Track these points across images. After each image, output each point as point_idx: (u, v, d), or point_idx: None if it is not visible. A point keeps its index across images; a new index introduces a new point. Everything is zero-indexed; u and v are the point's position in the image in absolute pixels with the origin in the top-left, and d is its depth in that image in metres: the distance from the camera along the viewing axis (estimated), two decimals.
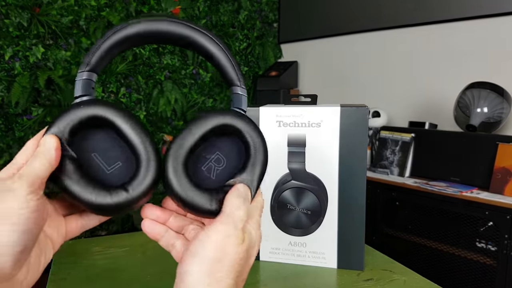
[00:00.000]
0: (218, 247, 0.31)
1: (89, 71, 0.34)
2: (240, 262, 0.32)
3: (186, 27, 0.35)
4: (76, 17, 2.17)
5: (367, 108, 0.62)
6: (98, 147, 0.33)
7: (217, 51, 0.36)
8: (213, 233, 0.31)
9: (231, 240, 0.31)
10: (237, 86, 0.37)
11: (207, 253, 0.30)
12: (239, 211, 0.32)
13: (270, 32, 2.90)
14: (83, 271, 0.64)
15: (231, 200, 0.33)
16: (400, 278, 0.62)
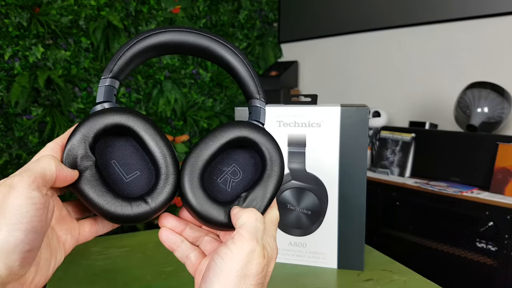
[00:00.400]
0: (243, 264, 0.30)
1: (111, 78, 0.34)
2: (262, 278, 0.31)
3: (208, 39, 0.35)
4: (75, 17, 2.17)
5: (367, 108, 0.62)
6: (118, 154, 0.34)
7: (238, 64, 0.36)
8: (236, 249, 0.30)
9: (255, 256, 0.30)
10: (256, 99, 0.37)
11: (231, 270, 0.30)
12: (259, 223, 0.32)
13: (270, 32, 2.90)
14: (82, 272, 0.64)
15: (248, 214, 0.32)
16: (400, 278, 0.62)
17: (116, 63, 0.34)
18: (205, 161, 0.34)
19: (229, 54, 0.36)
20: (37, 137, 2.13)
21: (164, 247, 0.37)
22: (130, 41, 0.34)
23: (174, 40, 0.35)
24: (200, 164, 0.34)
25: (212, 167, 0.36)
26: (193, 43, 0.35)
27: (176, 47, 0.35)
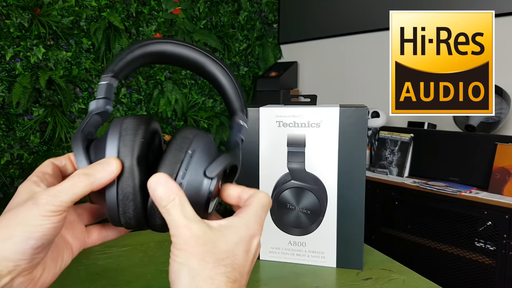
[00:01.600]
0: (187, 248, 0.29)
1: (112, 77, 0.36)
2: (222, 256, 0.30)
3: (201, 54, 0.37)
4: (76, 18, 2.18)
5: (366, 109, 0.62)
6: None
7: (226, 81, 0.38)
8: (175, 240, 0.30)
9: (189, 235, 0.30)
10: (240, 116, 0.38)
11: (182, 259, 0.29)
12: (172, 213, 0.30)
13: (270, 33, 2.90)
14: (84, 271, 0.65)
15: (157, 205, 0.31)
16: (399, 277, 0.63)
17: (117, 64, 0.36)
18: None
19: (219, 71, 0.38)
20: (38, 137, 2.14)
21: (165, 247, 0.37)
22: (132, 45, 0.36)
23: (169, 51, 0.37)
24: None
25: None
26: (186, 56, 0.37)
27: (170, 58, 0.37)
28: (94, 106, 0.35)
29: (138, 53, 0.36)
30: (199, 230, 0.29)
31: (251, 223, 0.31)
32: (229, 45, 2.71)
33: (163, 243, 0.75)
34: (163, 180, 0.30)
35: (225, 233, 0.30)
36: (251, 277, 0.63)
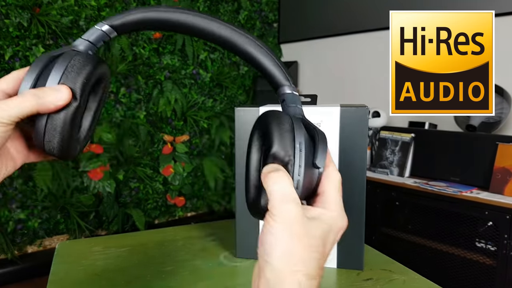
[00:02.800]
0: (291, 226, 0.30)
1: (110, 26, 0.34)
2: (317, 242, 0.31)
3: (231, 31, 0.36)
4: (76, 17, 2.17)
5: (367, 108, 0.62)
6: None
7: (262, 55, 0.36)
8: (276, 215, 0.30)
9: (294, 214, 0.31)
10: (286, 86, 0.37)
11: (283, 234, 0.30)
12: (275, 185, 0.30)
13: (270, 32, 2.90)
14: (83, 271, 0.65)
15: (264, 182, 0.31)
16: (400, 277, 0.62)
17: (120, 19, 0.34)
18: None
19: (252, 46, 0.36)
20: None
21: (164, 247, 0.37)
22: (157, 7, 0.35)
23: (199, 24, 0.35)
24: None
25: None
26: (217, 33, 0.36)
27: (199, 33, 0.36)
28: (77, 44, 0.34)
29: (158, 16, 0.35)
30: (301, 211, 0.30)
31: (339, 216, 0.33)
32: None
33: (162, 244, 0.75)
34: (277, 165, 0.31)
35: (319, 222, 0.31)
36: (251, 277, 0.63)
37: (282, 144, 0.31)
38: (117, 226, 2.31)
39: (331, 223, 0.32)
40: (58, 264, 0.67)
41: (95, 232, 2.28)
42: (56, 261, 0.68)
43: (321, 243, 0.31)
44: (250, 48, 0.36)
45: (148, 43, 2.40)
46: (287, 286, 0.29)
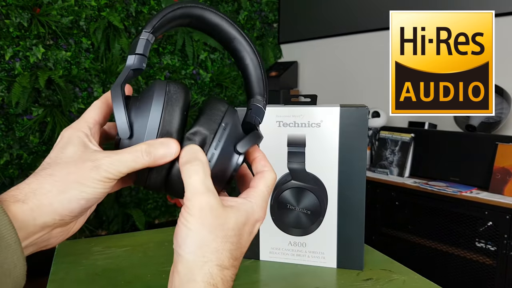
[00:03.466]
0: (202, 217, 0.30)
1: (152, 33, 0.35)
2: (230, 233, 0.31)
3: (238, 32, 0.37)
4: (76, 17, 2.17)
5: (366, 108, 0.62)
6: None
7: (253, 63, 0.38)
8: (190, 207, 0.31)
9: (207, 206, 0.31)
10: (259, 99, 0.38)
11: (196, 225, 0.30)
12: (190, 178, 0.31)
13: (270, 33, 2.90)
14: (83, 271, 0.65)
15: (182, 172, 0.31)
16: (400, 277, 0.63)
17: (158, 21, 0.35)
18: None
19: (249, 52, 0.38)
20: (38, 137, 2.14)
21: (164, 247, 0.37)
22: (175, 5, 0.36)
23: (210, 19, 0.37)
24: None
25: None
26: (224, 29, 0.37)
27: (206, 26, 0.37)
28: (132, 62, 0.34)
29: (179, 13, 0.36)
30: (215, 202, 0.30)
31: (258, 207, 0.33)
32: None
33: (162, 244, 0.75)
34: (196, 148, 0.31)
35: (235, 212, 0.31)
36: (251, 278, 0.63)
37: (206, 120, 0.33)
38: (117, 226, 2.31)
39: (248, 212, 0.32)
40: (58, 264, 0.67)
41: (95, 232, 2.28)
42: (56, 261, 0.68)
43: (235, 233, 0.31)
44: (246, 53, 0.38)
45: None
46: (198, 277, 0.29)
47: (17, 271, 0.28)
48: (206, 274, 0.29)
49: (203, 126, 0.33)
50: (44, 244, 0.31)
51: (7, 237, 0.27)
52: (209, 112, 0.33)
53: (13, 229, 0.27)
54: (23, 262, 0.28)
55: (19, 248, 0.27)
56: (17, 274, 0.28)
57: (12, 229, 0.27)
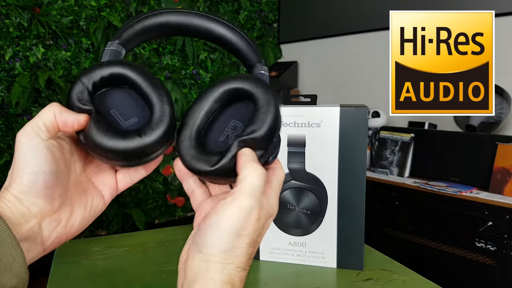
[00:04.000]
0: (239, 223, 0.30)
1: (118, 44, 0.35)
2: (256, 236, 0.32)
3: (207, 19, 0.38)
4: (76, 17, 2.17)
5: (366, 108, 0.62)
6: (117, 104, 0.34)
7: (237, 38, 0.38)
8: (233, 207, 0.30)
9: (252, 215, 0.31)
10: (259, 65, 0.37)
11: (226, 228, 0.30)
12: (256, 178, 0.31)
13: (270, 32, 2.90)
14: (83, 271, 0.65)
15: (246, 167, 0.31)
16: (400, 277, 0.63)
17: (124, 32, 0.35)
18: (200, 118, 0.34)
19: (228, 30, 0.38)
20: None
21: (164, 247, 0.37)
22: (138, 15, 0.36)
23: (173, 21, 0.37)
24: (196, 121, 0.34)
25: (211, 126, 0.35)
26: (191, 24, 0.37)
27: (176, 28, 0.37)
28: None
29: (145, 24, 0.36)
30: (258, 211, 0.32)
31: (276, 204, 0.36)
32: None
33: (163, 244, 0.75)
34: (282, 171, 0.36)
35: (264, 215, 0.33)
36: (251, 278, 0.63)
37: (266, 135, 0.33)
38: (117, 226, 2.31)
39: (269, 211, 0.34)
40: (58, 264, 0.67)
41: (95, 232, 2.28)
42: (56, 261, 0.68)
43: (258, 237, 0.32)
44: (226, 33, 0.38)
45: (148, 43, 2.40)
46: (217, 276, 0.30)
47: (17, 265, 0.28)
48: (225, 275, 0.30)
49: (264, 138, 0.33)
50: (39, 238, 0.31)
51: (0, 232, 0.27)
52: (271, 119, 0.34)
53: (5, 224, 0.28)
54: (21, 254, 0.28)
55: (15, 241, 0.28)
56: (18, 268, 0.28)
57: (4, 224, 0.28)
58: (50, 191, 0.31)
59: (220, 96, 0.35)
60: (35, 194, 0.30)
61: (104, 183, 0.36)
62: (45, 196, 0.30)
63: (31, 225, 0.30)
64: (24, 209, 0.30)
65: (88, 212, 0.34)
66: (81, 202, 0.34)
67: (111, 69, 0.33)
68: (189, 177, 0.36)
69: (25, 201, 0.30)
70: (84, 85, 0.32)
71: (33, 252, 0.31)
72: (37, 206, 0.30)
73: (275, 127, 0.34)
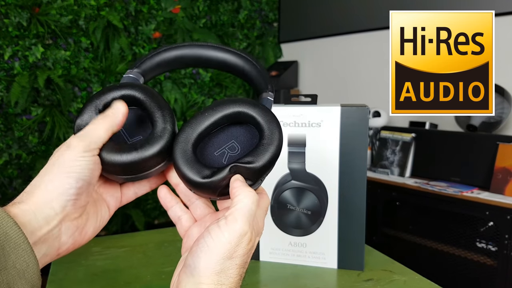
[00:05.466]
0: (232, 246, 0.31)
1: (138, 72, 0.38)
2: (247, 257, 0.33)
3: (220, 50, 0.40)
4: (75, 17, 2.17)
5: (367, 108, 0.62)
6: (125, 123, 0.37)
7: (249, 67, 0.40)
8: (227, 231, 0.31)
9: (245, 239, 0.31)
10: (265, 92, 0.39)
11: (219, 250, 0.31)
12: (254, 205, 0.32)
13: (270, 32, 2.90)
14: (83, 272, 0.64)
15: (241, 192, 0.32)
16: (400, 278, 0.62)
17: (143, 62, 0.38)
18: (201, 129, 0.35)
19: (240, 59, 0.40)
20: (37, 137, 2.13)
21: (164, 248, 0.37)
22: (158, 49, 0.39)
23: (190, 54, 0.39)
24: (196, 130, 0.35)
25: (210, 140, 0.37)
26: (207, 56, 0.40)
27: (193, 60, 0.40)
28: None
29: (163, 57, 0.39)
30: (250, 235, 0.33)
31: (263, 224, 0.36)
32: (229, 44, 2.70)
33: (162, 244, 0.74)
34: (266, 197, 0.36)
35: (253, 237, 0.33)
36: (251, 278, 0.63)
37: (263, 169, 0.35)
38: (117, 226, 2.31)
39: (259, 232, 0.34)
40: (57, 264, 0.67)
41: None
42: (56, 261, 0.67)
43: (248, 258, 0.33)
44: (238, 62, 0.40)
45: (147, 43, 2.40)
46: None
47: (31, 271, 0.28)
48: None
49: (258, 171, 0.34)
50: (57, 242, 0.32)
51: (14, 237, 0.28)
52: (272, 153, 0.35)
53: (19, 229, 0.28)
54: (34, 261, 0.28)
55: (29, 247, 0.28)
56: (31, 274, 0.28)
57: (18, 229, 0.28)
58: (80, 197, 0.32)
59: (228, 115, 0.36)
60: (68, 197, 0.31)
61: (110, 194, 0.38)
62: (75, 201, 0.32)
63: (48, 228, 0.31)
64: (50, 211, 0.31)
65: (98, 222, 0.36)
66: (94, 211, 0.35)
67: (122, 91, 0.36)
68: (174, 203, 0.38)
69: (54, 202, 0.31)
70: (96, 106, 0.35)
71: (48, 257, 0.31)
72: (64, 209, 0.31)
73: (271, 164, 0.35)
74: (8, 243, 0.27)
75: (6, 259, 0.27)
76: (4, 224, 0.27)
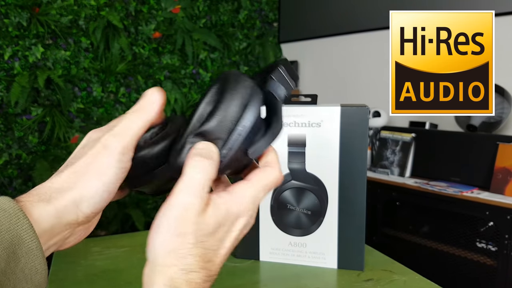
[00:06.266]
0: (179, 221, 0.28)
1: None
2: (206, 236, 0.29)
3: None
4: (75, 17, 2.17)
5: (367, 108, 0.62)
6: None
7: None
8: (173, 205, 0.28)
9: (190, 212, 0.28)
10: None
11: (167, 228, 0.28)
12: (198, 174, 0.28)
13: (270, 32, 2.90)
14: (82, 272, 0.64)
15: (188, 163, 0.29)
16: (400, 278, 0.62)
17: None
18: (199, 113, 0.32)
19: None
20: (37, 137, 2.13)
21: None
22: None
23: None
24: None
25: None
26: None
27: None
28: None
29: None
30: (201, 207, 0.29)
31: (243, 204, 0.31)
32: (229, 44, 2.70)
33: None
34: (214, 149, 0.30)
35: (214, 212, 0.29)
36: (251, 278, 0.63)
37: (221, 123, 0.29)
38: (117, 226, 2.31)
39: (228, 211, 0.30)
40: (57, 264, 0.67)
41: (94, 232, 2.28)
42: (56, 261, 0.67)
43: (209, 238, 0.29)
44: None
45: (147, 43, 2.39)
46: (159, 281, 0.27)
47: (38, 277, 0.27)
48: (166, 278, 0.27)
49: (218, 128, 0.30)
50: (63, 241, 0.31)
51: (28, 242, 0.26)
52: (227, 104, 0.29)
53: (34, 234, 0.27)
54: (44, 267, 0.28)
55: (41, 253, 0.27)
56: (38, 280, 0.27)
57: (34, 234, 0.27)
58: (107, 201, 0.32)
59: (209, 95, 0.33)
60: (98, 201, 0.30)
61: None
62: (102, 205, 0.31)
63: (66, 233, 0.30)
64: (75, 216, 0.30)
65: (92, 225, 0.35)
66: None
67: None
68: None
69: (84, 206, 0.30)
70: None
71: (48, 252, 0.30)
72: (91, 214, 0.31)
73: (234, 113, 0.30)
74: (20, 247, 0.26)
75: (16, 263, 0.26)
76: (19, 227, 0.26)
